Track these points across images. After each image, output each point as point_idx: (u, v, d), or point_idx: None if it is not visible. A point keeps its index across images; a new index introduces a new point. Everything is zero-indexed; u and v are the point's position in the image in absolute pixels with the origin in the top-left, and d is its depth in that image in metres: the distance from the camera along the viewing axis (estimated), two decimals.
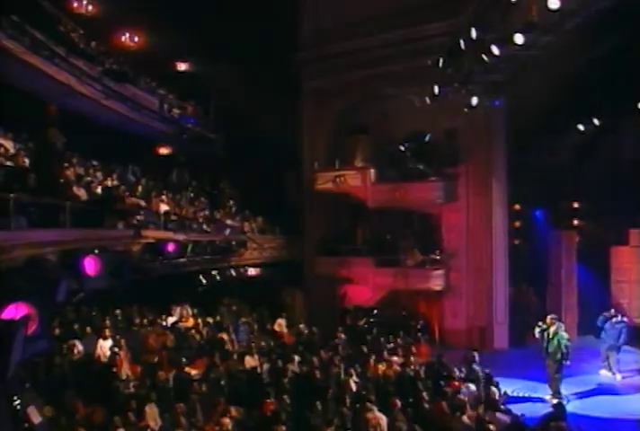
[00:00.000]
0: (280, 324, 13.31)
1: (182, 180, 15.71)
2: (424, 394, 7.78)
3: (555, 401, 8.63)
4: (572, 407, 7.79)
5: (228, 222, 13.20)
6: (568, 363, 9.35)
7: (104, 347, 9.21)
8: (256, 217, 15.80)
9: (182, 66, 16.82)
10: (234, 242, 11.96)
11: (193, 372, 9.16)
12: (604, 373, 10.78)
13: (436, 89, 11.68)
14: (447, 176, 13.70)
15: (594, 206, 15.40)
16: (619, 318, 10.93)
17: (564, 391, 9.31)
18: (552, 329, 9.51)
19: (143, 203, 8.76)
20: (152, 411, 6.98)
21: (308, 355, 10.08)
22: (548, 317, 9.91)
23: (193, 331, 11.44)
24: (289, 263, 15.80)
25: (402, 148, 14.48)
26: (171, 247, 8.05)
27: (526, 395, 9.26)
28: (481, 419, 6.80)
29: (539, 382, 9.83)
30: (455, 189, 13.77)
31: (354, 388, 8.41)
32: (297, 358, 9.95)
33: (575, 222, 15.71)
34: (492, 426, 6.28)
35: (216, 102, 17.06)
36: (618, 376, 10.61)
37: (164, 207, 10.15)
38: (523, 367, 10.91)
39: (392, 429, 6.79)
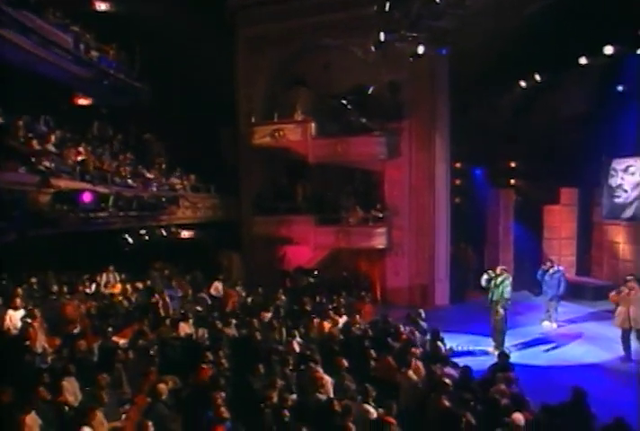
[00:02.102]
0: (217, 288, 12.60)
1: (103, 133, 14.15)
2: (372, 352, 7.48)
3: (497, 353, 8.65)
4: (512, 357, 7.76)
5: (157, 178, 12.04)
6: (505, 311, 9.39)
7: (15, 318, 8.16)
8: (189, 175, 14.66)
9: (101, 6, 14.85)
10: (163, 199, 10.89)
11: (122, 341, 8.32)
12: (546, 324, 11.07)
13: (382, 36, 11.00)
14: (390, 131, 13.23)
15: (530, 166, 15.67)
16: (556, 268, 11.15)
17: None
18: (499, 279, 9.47)
19: (53, 149, 7.53)
20: (70, 385, 6.15)
21: (248, 317, 9.50)
22: (498, 267, 9.87)
23: (121, 298, 10.50)
24: (226, 223, 14.94)
25: (344, 101, 13.78)
26: (87, 197, 6.98)
27: (470, 349, 9.25)
28: (431, 374, 6.56)
29: (481, 336, 9.89)
30: (398, 144, 13.35)
31: (297, 349, 8.02)
32: (234, 322, 9.38)
33: (512, 181, 15.93)
34: (447, 380, 6.02)
35: (142, 48, 15.35)
36: (554, 325, 10.95)
37: (80, 158, 8.90)
38: (464, 322, 10.98)
39: (339, 389, 6.40)
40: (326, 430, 5.31)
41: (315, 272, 14.62)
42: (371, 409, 5.72)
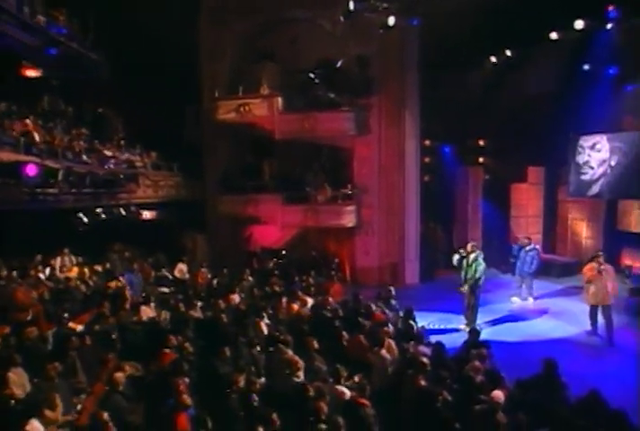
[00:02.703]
0: (181, 270, 12.12)
1: (55, 106, 13.20)
2: (343, 332, 7.25)
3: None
4: (484, 334, 7.74)
5: (114, 154, 11.32)
6: (479, 290, 9.35)
7: None
8: (149, 152, 13.94)
9: None
10: (121, 176, 10.24)
11: (79, 327, 7.80)
12: (515, 300, 11.16)
13: (351, 5, 10.57)
14: (359, 106, 12.85)
15: (498, 144, 15.62)
16: (532, 246, 11.17)
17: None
18: (472, 257, 9.36)
19: None
20: (17, 376, 5.65)
21: (213, 299, 9.12)
22: (469, 245, 9.75)
23: (78, 282, 9.89)
24: (190, 203, 14.34)
25: (311, 76, 13.28)
26: (31, 170, 6.35)
27: (441, 327, 9.17)
28: (404, 352, 6.38)
29: (453, 314, 9.83)
30: (367, 120, 13.01)
31: (266, 331, 7.73)
32: (200, 304, 8.99)
33: (481, 159, 15.87)
34: (424, 359, 5.85)
35: (96, 16, 14.32)
36: (531, 300, 11.05)
37: (26, 130, 8.16)
38: (435, 301, 10.91)
39: (310, 371, 6.15)
40: (298, 414, 5.04)
41: (283, 252, 14.32)
42: (344, 391, 5.49)
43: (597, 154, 11.78)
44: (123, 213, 10.80)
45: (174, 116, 15.35)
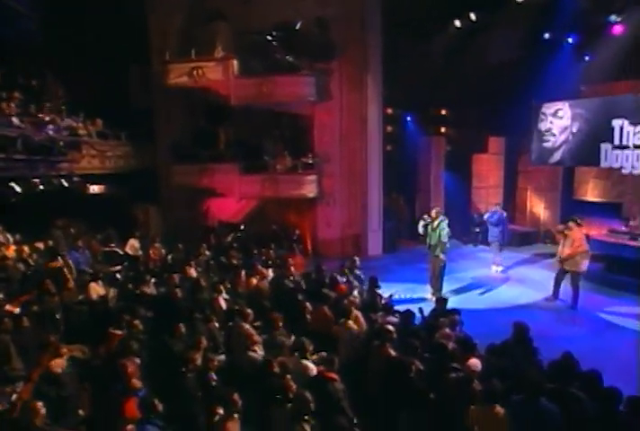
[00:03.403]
0: (133, 245, 11.37)
1: None
2: (306, 304, 6.88)
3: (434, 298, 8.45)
4: (450, 302, 7.58)
5: (53, 119, 10.28)
6: (445, 256, 9.18)
7: None
8: (94, 119, 12.86)
9: None
10: (61, 143, 9.29)
11: (16, 310, 7.06)
12: (495, 268, 11.11)
13: None
14: (319, 71, 12.21)
15: (459, 113, 15.43)
16: (504, 214, 11.10)
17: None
18: (436, 223, 9.13)
19: None
20: None
21: (167, 274, 8.51)
22: (433, 210, 9.49)
23: (16, 261, 9.03)
24: (141, 174, 13.42)
25: (268, 37, 12.49)
26: None
27: (407, 297, 8.96)
28: (372, 323, 6.08)
29: (417, 284, 9.66)
30: (328, 86, 12.42)
31: (224, 306, 7.25)
32: (153, 280, 8.37)
33: (443, 129, 15.65)
34: (390, 327, 5.55)
35: None
36: (499, 269, 10.99)
37: None
38: (399, 271, 10.74)
39: (272, 344, 5.75)
40: (262, 393, 4.64)
41: (242, 226, 13.77)
42: (311, 365, 5.13)
43: (559, 121, 11.70)
44: (65, 184, 9.85)
45: (121, 81, 14.22)
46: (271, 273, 8.98)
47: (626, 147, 10.06)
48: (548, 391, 4.26)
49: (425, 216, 9.40)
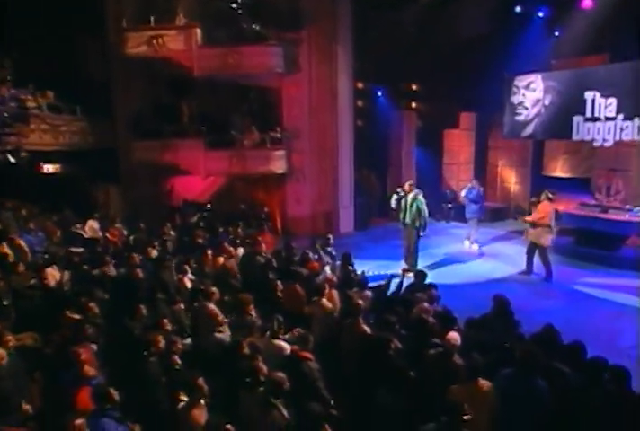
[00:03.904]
0: (92, 227, 10.72)
1: None
2: (277, 283, 6.55)
3: (411, 274, 8.23)
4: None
5: None
6: (426, 232, 8.95)
7: None
8: (45, 92, 11.95)
9: None
10: (5, 114, 8.52)
11: None
12: (469, 244, 10.95)
13: None
14: (287, 41, 11.64)
15: (430, 88, 15.14)
16: (482, 190, 10.92)
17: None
18: (410, 197, 8.86)
19: None
20: None
21: (127, 254, 8.00)
22: (407, 183, 9.22)
23: None
24: (99, 152, 12.64)
25: (233, 5, 11.80)
26: None
27: (381, 273, 8.72)
28: (347, 300, 5.80)
29: (391, 260, 9.44)
30: (296, 57, 11.89)
31: (189, 286, 6.85)
32: (113, 261, 7.84)
33: (414, 104, 15.35)
34: (360, 301, 5.29)
35: None
36: (469, 244, 10.84)
37: None
38: (371, 249, 10.51)
39: (241, 325, 5.41)
40: (230, 376, 4.31)
41: (208, 205, 13.26)
42: (284, 345, 4.82)
43: (531, 94, 11.54)
44: (12, 160, 9.09)
45: (75, 51, 13.27)
46: (239, 252, 8.61)
47: (598, 119, 9.98)
48: (533, 364, 4.07)
49: (399, 190, 9.13)
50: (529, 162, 14.19)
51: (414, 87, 15.29)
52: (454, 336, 4.48)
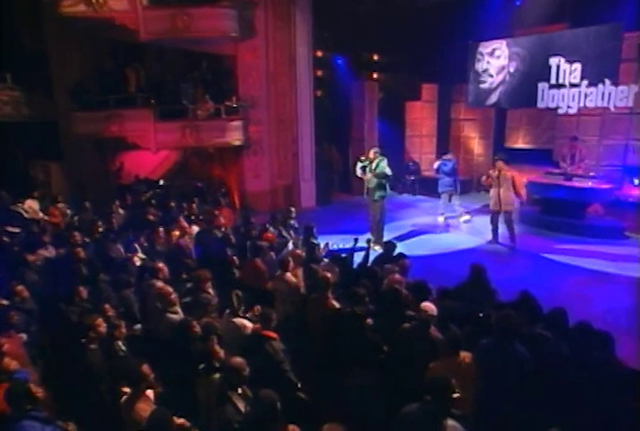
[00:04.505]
0: (31, 207, 9.80)
1: None
2: (235, 259, 6.05)
3: (377, 247, 7.90)
4: None
5: None
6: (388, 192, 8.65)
7: None
8: None
9: None
10: None
11: None
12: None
13: None
14: (241, 3, 10.79)
15: (391, 59, 14.68)
16: (455, 164, 10.63)
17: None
18: (375, 164, 8.46)
19: None
20: None
21: (68, 233, 7.27)
22: (371, 150, 8.78)
23: None
24: (36, 125, 11.54)
25: None
26: None
27: (346, 246, 8.32)
28: (313, 272, 5.37)
29: (355, 234, 8.93)
30: (252, 21, 11.07)
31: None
32: (51, 242, 7.09)
33: (375, 75, 14.84)
34: (328, 275, 4.87)
35: None
36: (441, 218, 10.58)
37: None
38: (334, 223, 10.06)
39: (197, 304, 4.89)
40: (181, 360, 3.80)
41: (161, 182, 12.48)
42: (246, 323, 4.35)
43: (496, 61, 11.24)
44: None
45: (3, 12, 11.95)
46: (194, 229, 8.02)
47: (563, 86, 9.81)
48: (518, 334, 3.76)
49: (362, 157, 8.68)
50: (492, 134, 14.04)
51: (375, 57, 14.75)
52: (429, 306, 4.12)
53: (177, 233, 7.55)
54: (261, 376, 3.72)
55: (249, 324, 4.44)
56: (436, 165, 10.76)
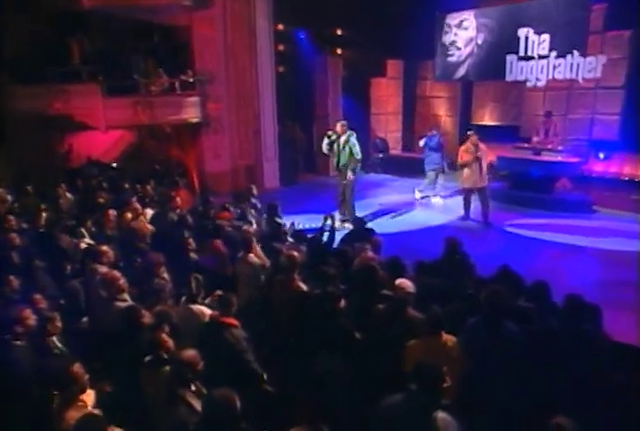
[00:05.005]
0: None
1: None
2: (190, 241, 5.55)
3: (347, 225, 7.51)
4: None
5: None
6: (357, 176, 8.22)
7: None
8: None
9: None
10: None
11: None
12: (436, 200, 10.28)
13: None
14: None
15: (355, 34, 14.13)
16: (439, 136, 10.27)
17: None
18: (343, 139, 7.99)
19: None
20: None
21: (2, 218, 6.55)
22: (338, 124, 8.33)
23: None
24: None
25: None
26: None
27: (312, 226, 7.90)
28: (277, 253, 4.93)
29: (322, 214, 8.51)
30: None
31: None
32: None
33: (339, 50, 14.28)
34: (295, 253, 4.44)
35: None
36: (436, 199, 10.18)
37: None
38: (300, 203, 9.58)
39: (150, 291, 4.38)
40: (125, 353, 3.31)
41: (114, 165, 11.67)
42: (204, 310, 3.89)
43: (464, 33, 10.89)
44: None
45: None
46: (149, 212, 7.42)
47: (531, 58, 9.56)
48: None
49: (330, 133, 8.21)
50: (458, 111, 13.80)
51: (339, 32, 14.16)
52: (405, 282, 3.74)
53: (129, 215, 6.95)
54: (220, 368, 3.28)
55: (208, 311, 3.99)
56: (422, 142, 10.37)
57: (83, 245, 5.87)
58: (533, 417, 2.82)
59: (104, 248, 4.69)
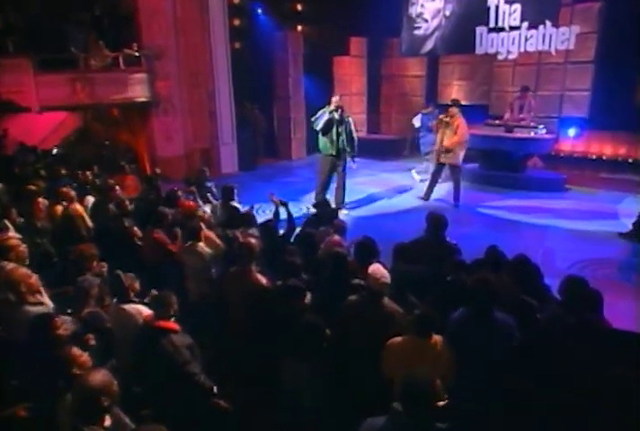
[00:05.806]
0: None
1: None
2: (135, 229, 4.83)
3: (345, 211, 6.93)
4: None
5: None
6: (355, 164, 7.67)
7: None
8: None
9: None
10: None
11: None
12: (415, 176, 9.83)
13: None
14: None
15: (317, 9, 13.38)
16: (436, 114, 9.54)
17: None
18: (337, 114, 7.42)
19: None
20: None
21: None
22: (334, 98, 7.74)
23: None
24: None
25: None
26: None
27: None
28: (232, 241, 4.26)
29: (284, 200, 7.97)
30: None
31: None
32: None
33: (300, 27, 13.50)
34: (252, 240, 3.79)
35: None
36: (416, 176, 9.76)
37: None
38: (260, 188, 8.81)
39: (77, 292, 3.63)
40: (42, 373, 2.59)
41: (54, 151, 10.64)
42: (142, 310, 3.20)
43: (431, 4, 10.28)
44: None
45: None
46: (89, 200, 6.59)
47: (502, 29, 9.08)
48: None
49: (332, 107, 7.43)
50: (424, 91, 13.31)
51: (299, 7, 13.38)
52: (379, 269, 3.12)
53: (63, 203, 6.11)
54: (158, 385, 2.61)
55: (147, 311, 3.29)
56: (417, 122, 9.76)
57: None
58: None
59: (14, 241, 3.89)
